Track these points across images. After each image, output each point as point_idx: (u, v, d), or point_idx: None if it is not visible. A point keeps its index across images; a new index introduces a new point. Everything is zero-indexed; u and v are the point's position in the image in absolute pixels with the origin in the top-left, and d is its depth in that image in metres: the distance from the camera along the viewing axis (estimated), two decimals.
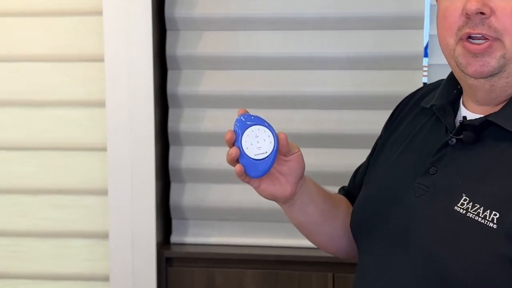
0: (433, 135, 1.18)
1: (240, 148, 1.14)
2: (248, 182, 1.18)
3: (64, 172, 2.10)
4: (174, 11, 2.02)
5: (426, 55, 1.96)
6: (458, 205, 1.09)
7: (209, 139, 2.09)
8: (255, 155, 1.14)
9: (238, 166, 1.14)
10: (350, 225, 1.27)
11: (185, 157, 2.10)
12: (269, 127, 1.15)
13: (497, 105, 1.11)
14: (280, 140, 1.15)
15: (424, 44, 1.99)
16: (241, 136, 1.14)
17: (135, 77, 1.99)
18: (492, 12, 1.06)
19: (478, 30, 1.06)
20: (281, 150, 1.16)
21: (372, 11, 1.97)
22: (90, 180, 2.10)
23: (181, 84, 2.07)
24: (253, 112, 1.85)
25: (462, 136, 1.12)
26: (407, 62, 1.98)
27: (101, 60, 2.00)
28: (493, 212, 1.06)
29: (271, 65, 2.04)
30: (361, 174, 1.39)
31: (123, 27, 1.95)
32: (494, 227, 1.04)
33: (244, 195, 2.08)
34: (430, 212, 1.12)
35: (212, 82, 2.06)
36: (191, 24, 2.03)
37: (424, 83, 2.00)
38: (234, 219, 2.11)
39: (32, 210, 2.11)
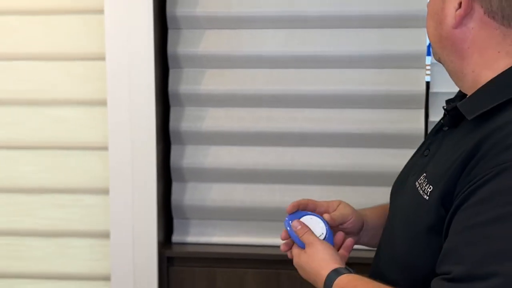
0: (440, 124, 1.26)
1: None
2: None
3: (65, 171, 2.06)
4: (176, 9, 1.99)
5: (429, 53, 1.92)
6: (418, 181, 1.16)
7: (211, 138, 2.04)
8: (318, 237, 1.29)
9: None
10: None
11: (186, 156, 2.06)
12: (311, 214, 1.32)
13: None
14: (328, 221, 1.32)
15: (427, 43, 1.93)
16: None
17: (137, 76, 1.94)
18: None
19: None
20: (333, 225, 1.32)
21: (375, 10, 1.95)
22: (91, 179, 2.05)
23: (183, 83, 2.03)
24: (256, 111, 2.02)
25: (444, 121, 1.20)
26: (410, 61, 1.94)
27: (102, 58, 1.96)
28: (429, 186, 1.11)
29: (274, 64, 1.99)
30: None
31: (124, 25, 1.92)
32: (426, 198, 1.10)
33: (247, 194, 2.05)
34: (408, 188, 1.21)
35: (214, 81, 2.01)
36: (193, 22, 1.98)
37: (427, 82, 1.97)
38: (236, 218, 2.06)
39: (33, 210, 2.07)
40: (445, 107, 1.19)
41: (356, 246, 1.38)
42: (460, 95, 1.21)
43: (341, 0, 1.92)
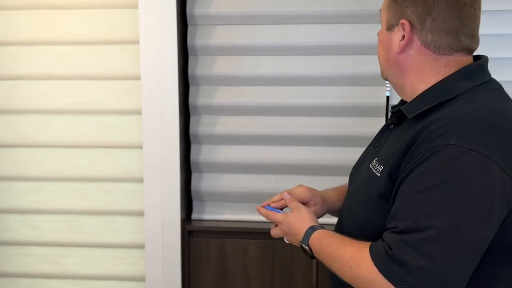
0: (387, 124, 1.35)
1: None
2: None
3: (110, 165, 2.14)
4: (195, 40, 2.08)
5: None
6: (371, 163, 1.24)
7: (221, 139, 2.12)
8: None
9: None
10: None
11: (202, 153, 2.14)
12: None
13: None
14: None
15: None
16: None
17: (165, 92, 2.01)
18: None
19: None
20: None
21: (348, 41, 2.02)
22: (130, 171, 2.13)
23: (200, 97, 2.11)
24: (256, 118, 2.07)
25: (391, 121, 1.29)
26: (374, 80, 2.03)
27: (138, 78, 2.05)
28: (380, 166, 1.20)
29: (269, 82, 2.08)
30: None
31: (155, 53, 1.99)
32: (378, 175, 1.20)
33: (249, 182, 2.12)
34: (363, 170, 1.29)
35: (224, 96, 2.10)
36: (208, 51, 2.08)
37: (387, 96, 2.06)
38: (241, 200, 2.14)
39: (86, 194, 2.16)
40: (391, 110, 1.29)
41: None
42: (402, 102, 1.31)
43: (322, 33, 2.00)
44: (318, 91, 2.06)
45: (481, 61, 1.22)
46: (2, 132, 2.14)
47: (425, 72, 1.20)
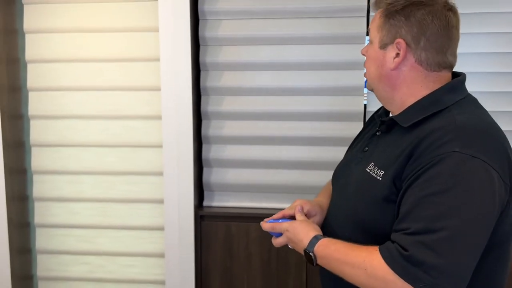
0: (374, 131, 1.36)
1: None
2: None
3: (135, 161, 2.26)
4: (206, 58, 2.23)
5: (365, 86, 1.88)
6: (368, 167, 1.24)
7: (228, 140, 2.25)
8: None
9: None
10: (331, 182, 1.47)
11: (212, 152, 2.26)
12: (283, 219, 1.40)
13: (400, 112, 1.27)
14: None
15: (364, 79, 2.03)
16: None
17: (180, 101, 2.12)
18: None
19: None
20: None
21: (332, 58, 2.16)
22: (152, 166, 2.24)
23: (210, 105, 2.25)
24: (257, 123, 2.17)
25: (380, 128, 1.31)
26: (354, 91, 2.17)
27: (159, 89, 2.19)
28: (381, 170, 1.19)
29: (267, 93, 2.21)
30: None
31: (173, 68, 2.12)
32: (380, 179, 1.18)
33: (250, 176, 2.25)
34: (356, 173, 1.29)
35: (230, 104, 2.22)
36: (216, 66, 2.22)
37: (365, 104, 2.21)
38: (244, 190, 2.26)
39: (115, 185, 2.29)
40: (381, 119, 1.28)
41: None
42: (385, 111, 1.33)
43: (311, 52, 2.13)
44: (308, 100, 2.18)
45: (461, 77, 1.24)
46: (47, 134, 2.27)
47: (415, 86, 1.21)
